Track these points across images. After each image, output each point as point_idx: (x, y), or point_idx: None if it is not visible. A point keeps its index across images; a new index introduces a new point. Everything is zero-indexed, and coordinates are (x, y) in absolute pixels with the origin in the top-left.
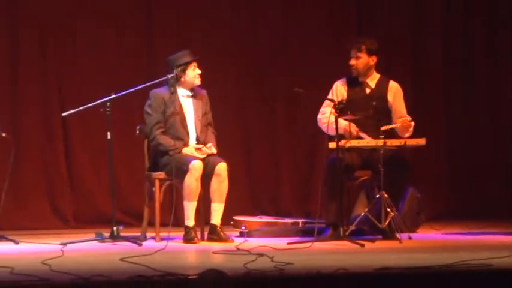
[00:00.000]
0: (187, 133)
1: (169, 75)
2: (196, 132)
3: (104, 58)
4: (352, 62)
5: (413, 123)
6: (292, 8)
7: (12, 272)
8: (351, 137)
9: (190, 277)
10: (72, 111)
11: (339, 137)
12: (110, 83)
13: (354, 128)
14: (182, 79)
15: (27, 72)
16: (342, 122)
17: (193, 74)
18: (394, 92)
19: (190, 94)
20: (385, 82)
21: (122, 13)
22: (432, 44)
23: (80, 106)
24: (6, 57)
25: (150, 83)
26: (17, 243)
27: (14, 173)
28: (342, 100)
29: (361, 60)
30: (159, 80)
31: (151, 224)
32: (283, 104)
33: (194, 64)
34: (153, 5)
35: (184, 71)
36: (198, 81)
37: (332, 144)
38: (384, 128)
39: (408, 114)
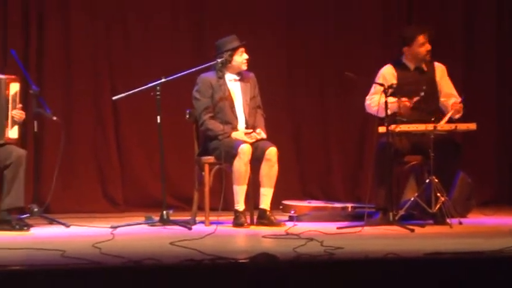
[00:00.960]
0: (236, 117)
1: (218, 60)
2: (245, 115)
3: (154, 42)
4: (429, 47)
5: (462, 106)
6: None
7: (63, 255)
8: (406, 109)
9: (240, 261)
10: (122, 95)
11: (391, 118)
12: (160, 67)
13: (405, 102)
14: (230, 64)
15: (78, 56)
16: (392, 104)
17: (240, 59)
18: (441, 72)
19: (238, 78)
20: (431, 65)
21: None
22: (485, 29)
23: (130, 90)
24: (60, 42)
25: (198, 68)
26: (68, 226)
27: (64, 157)
28: (391, 84)
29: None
30: (208, 64)
31: (200, 208)
32: (333, 88)
33: (242, 49)
34: None
35: (231, 55)
36: (244, 67)
37: (382, 129)
38: (439, 125)
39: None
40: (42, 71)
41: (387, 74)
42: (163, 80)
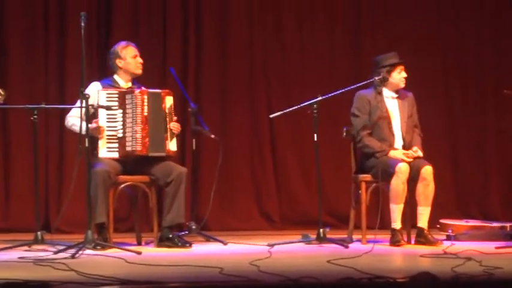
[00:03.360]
0: (393, 135)
1: (376, 77)
2: (402, 133)
3: (311, 60)
4: None
5: None
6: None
7: (221, 272)
8: None
9: (399, 280)
10: (279, 113)
11: None
12: (317, 85)
13: None
14: (388, 81)
15: (236, 74)
16: None
17: (398, 76)
18: None
19: (396, 96)
20: None
21: (331, 14)
22: None
23: (287, 108)
24: (217, 60)
25: (356, 85)
26: (225, 244)
27: (222, 174)
28: None
29: None
30: (365, 82)
31: (357, 226)
32: (492, 107)
33: (401, 67)
34: (363, 5)
35: (390, 72)
36: (402, 84)
37: None
38: None
39: None
40: (200, 88)
41: None
42: (319, 98)
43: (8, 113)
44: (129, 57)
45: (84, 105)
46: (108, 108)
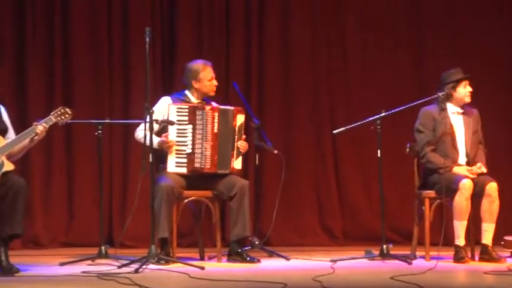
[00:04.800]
0: (457, 151)
1: (440, 93)
2: (466, 149)
3: (375, 76)
4: None
5: None
6: None
7: None
8: None
9: None
10: (343, 128)
11: None
12: (380, 101)
13: None
14: (452, 96)
15: (299, 90)
16: None
17: (464, 91)
18: None
19: (461, 111)
20: None
21: (393, 32)
22: None
23: (351, 124)
24: (280, 74)
25: (420, 101)
26: (288, 259)
27: (285, 189)
28: None
29: None
30: (430, 98)
31: (420, 242)
32: None
33: (465, 82)
34: (424, 25)
35: (455, 88)
36: (468, 99)
37: None
38: None
39: None
40: (263, 103)
41: None
42: (383, 114)
43: (73, 128)
44: (205, 80)
45: (148, 120)
46: (171, 123)
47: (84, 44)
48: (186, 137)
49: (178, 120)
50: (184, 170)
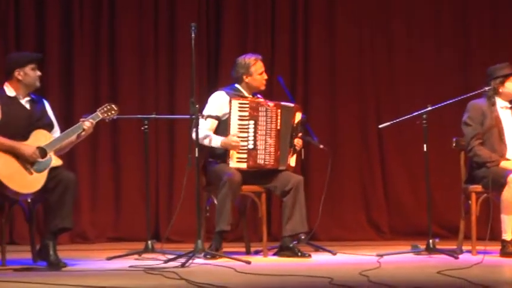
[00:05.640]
0: (505, 145)
1: (487, 88)
2: None
3: (420, 70)
4: None
5: None
6: None
7: (331, 282)
8: None
9: None
10: (388, 123)
11: None
12: (426, 95)
13: None
14: (500, 90)
15: (344, 84)
16: None
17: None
18: None
19: (509, 106)
20: None
21: (439, 25)
22: None
23: (397, 118)
24: (326, 68)
25: (468, 95)
26: (335, 254)
27: (331, 184)
28: None
29: None
30: (478, 92)
31: (467, 237)
32: None
33: None
34: (470, 16)
35: (502, 82)
36: None
37: None
38: None
39: None
40: (308, 98)
41: None
42: (429, 108)
43: (119, 123)
44: (256, 74)
45: (194, 115)
46: (217, 118)
47: (130, 39)
48: (247, 132)
49: (239, 116)
50: (244, 166)
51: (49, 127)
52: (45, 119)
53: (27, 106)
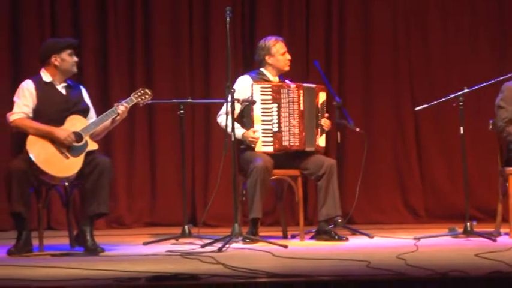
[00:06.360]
0: None
1: None
2: None
3: (457, 52)
4: None
5: None
6: None
7: (368, 265)
8: None
9: None
10: (424, 105)
11: None
12: (461, 79)
13: None
14: None
15: (379, 67)
16: None
17: None
18: None
19: None
20: None
21: (473, 8)
22: None
23: (433, 101)
24: (362, 51)
25: (503, 77)
26: (371, 237)
27: (367, 167)
28: None
29: None
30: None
31: (505, 219)
32: None
33: None
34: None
35: None
36: None
37: None
38: None
39: None
40: (343, 81)
41: None
42: (465, 90)
43: (154, 108)
44: (278, 55)
45: (230, 99)
46: (253, 102)
47: (165, 23)
48: (271, 115)
49: (262, 100)
50: (270, 149)
51: (84, 113)
52: (81, 104)
53: (63, 92)
